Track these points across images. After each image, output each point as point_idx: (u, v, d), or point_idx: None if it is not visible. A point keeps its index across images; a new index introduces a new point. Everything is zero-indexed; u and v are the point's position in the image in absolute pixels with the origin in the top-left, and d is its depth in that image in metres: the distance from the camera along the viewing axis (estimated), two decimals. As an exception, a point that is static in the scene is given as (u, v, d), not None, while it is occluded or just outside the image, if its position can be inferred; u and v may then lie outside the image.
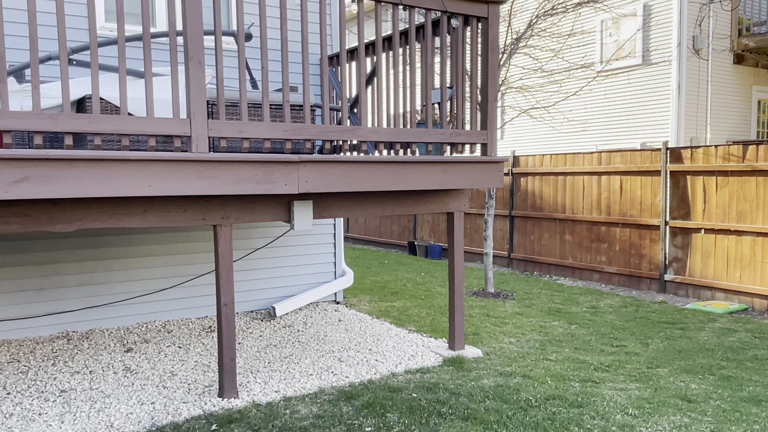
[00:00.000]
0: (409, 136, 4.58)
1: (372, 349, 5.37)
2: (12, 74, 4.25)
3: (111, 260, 5.97)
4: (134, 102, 3.93)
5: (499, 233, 10.54)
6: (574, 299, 7.73)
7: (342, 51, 4.35)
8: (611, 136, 12.69)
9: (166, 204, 3.92)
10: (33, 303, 5.61)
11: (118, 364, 4.89)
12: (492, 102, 4.91)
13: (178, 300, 6.32)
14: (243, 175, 3.83)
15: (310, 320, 6.41)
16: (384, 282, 8.95)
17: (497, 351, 5.35)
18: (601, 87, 12.51)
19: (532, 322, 6.49)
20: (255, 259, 6.73)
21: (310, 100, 4.18)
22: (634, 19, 12.15)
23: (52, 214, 3.58)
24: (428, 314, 6.78)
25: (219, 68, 3.75)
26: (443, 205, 5.18)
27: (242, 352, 5.22)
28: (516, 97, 10.42)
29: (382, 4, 4.37)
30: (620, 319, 6.64)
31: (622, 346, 5.56)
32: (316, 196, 4.55)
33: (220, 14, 3.72)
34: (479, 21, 4.83)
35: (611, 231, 8.79)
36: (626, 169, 8.49)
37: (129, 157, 3.41)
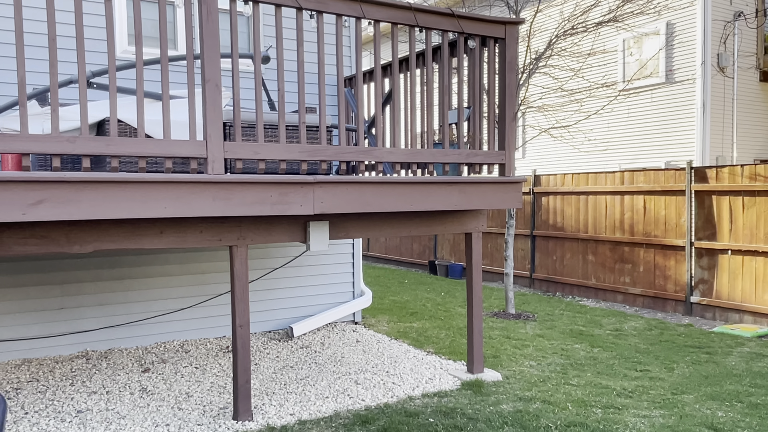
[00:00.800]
0: (426, 157, 4.56)
1: (389, 371, 5.30)
2: (34, 97, 4.33)
3: (130, 280, 6.01)
4: (152, 124, 3.97)
5: (520, 253, 10.42)
6: (597, 321, 7.57)
7: (358, 72, 4.35)
8: (635, 155, 12.52)
9: (182, 225, 3.94)
10: (54, 322, 5.66)
11: (135, 385, 4.89)
12: (510, 122, 4.87)
13: (196, 320, 6.33)
14: (258, 196, 3.83)
15: (328, 341, 6.37)
16: (403, 302, 8.88)
17: (517, 375, 5.24)
18: (623, 106, 12.38)
19: (553, 344, 6.36)
20: (273, 278, 6.73)
21: (326, 121, 4.18)
22: (657, 38, 12.04)
23: (70, 235, 3.61)
24: (447, 336, 6.68)
25: (236, 90, 3.78)
26: (461, 225, 5.12)
27: (258, 374, 5.19)
28: (536, 117, 10.36)
29: (398, 26, 4.38)
30: (644, 343, 6.47)
31: (646, 370, 5.41)
32: (332, 217, 4.53)
33: (237, 37, 3.75)
34: (496, 42, 4.81)
35: (635, 251, 8.62)
36: (650, 188, 8.34)
37: (145, 179, 3.43)
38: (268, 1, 3.83)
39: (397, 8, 4.30)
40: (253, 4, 3.80)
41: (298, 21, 3.97)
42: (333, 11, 4.07)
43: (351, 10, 4.11)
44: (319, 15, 4.04)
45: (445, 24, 4.51)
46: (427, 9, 4.43)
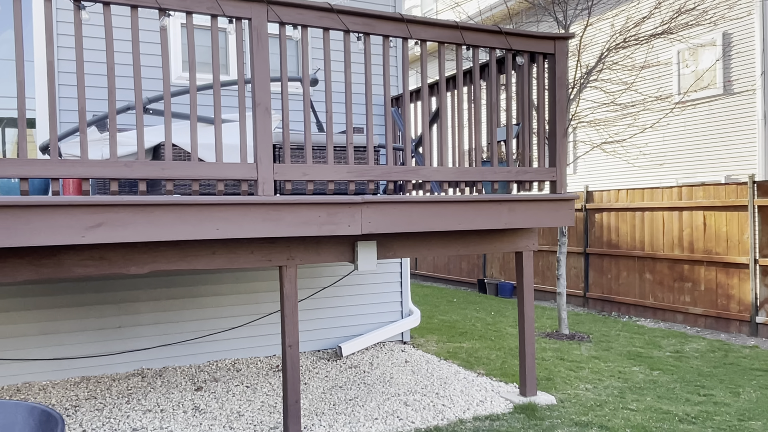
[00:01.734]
0: (474, 175, 4.51)
1: (439, 393, 5.21)
2: (95, 123, 4.51)
3: (184, 299, 6.14)
4: (204, 147, 4.06)
5: (573, 271, 10.16)
6: (655, 342, 7.28)
7: (405, 92, 4.36)
8: (692, 169, 12.09)
9: (233, 246, 4.00)
10: (111, 340, 5.83)
11: (188, 403, 4.96)
12: (561, 138, 4.77)
13: (247, 338, 6.41)
14: (307, 216, 3.86)
15: (376, 361, 6.33)
16: (452, 321, 8.77)
17: (572, 398, 5.07)
18: (679, 119, 12.00)
19: (610, 366, 6.14)
20: (321, 297, 6.76)
21: (373, 140, 4.20)
22: (713, 49, 11.66)
23: (127, 257, 3.72)
24: (498, 357, 6.55)
25: (285, 114, 3.84)
26: (511, 244, 5.03)
27: (308, 393, 5.19)
28: (588, 131, 10.14)
29: (445, 45, 4.37)
30: (707, 365, 6.17)
31: (709, 395, 5.15)
32: (380, 237, 4.52)
33: (286, 61, 3.82)
34: (546, 57, 4.74)
35: (695, 269, 8.28)
36: (710, 204, 8.02)
37: (198, 201, 3.51)
38: (317, 25, 3.89)
39: (443, 27, 4.30)
40: (302, 28, 3.86)
41: (346, 43, 4.01)
42: (380, 33, 4.10)
43: (398, 30, 4.13)
44: (366, 37, 4.08)
45: (492, 41, 4.48)
46: (475, 27, 4.41)
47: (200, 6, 3.54)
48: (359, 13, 4.01)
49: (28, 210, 3.13)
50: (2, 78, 6.05)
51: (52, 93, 3.24)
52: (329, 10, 3.89)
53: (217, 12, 3.58)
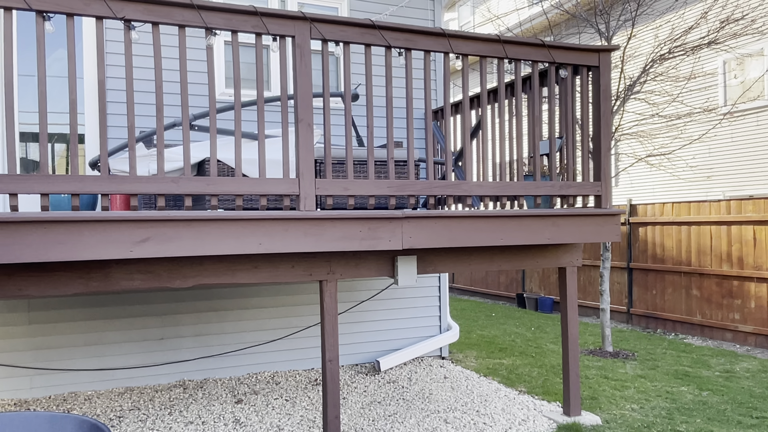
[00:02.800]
0: (516, 190, 4.45)
1: (479, 410, 5.13)
2: (142, 140, 4.61)
3: (224, 311, 6.21)
4: (247, 163, 4.11)
5: (616, 287, 9.92)
6: (704, 361, 7.03)
7: (446, 105, 4.34)
8: (740, 182, 11.71)
9: (275, 260, 4.03)
10: (154, 352, 5.92)
11: (228, 416, 5.00)
12: (605, 152, 4.68)
13: (286, 351, 6.43)
14: (348, 231, 3.86)
15: (415, 376, 6.27)
16: (491, 337, 8.64)
17: (618, 419, 4.93)
18: (726, 131, 11.65)
19: (656, 386, 5.95)
20: (359, 311, 6.74)
21: (414, 154, 4.18)
22: (761, 59, 11.31)
23: (172, 271, 3.77)
24: (540, 374, 6.42)
25: (327, 129, 3.86)
26: (554, 259, 4.94)
27: (346, 408, 5.17)
28: (632, 144, 9.94)
29: (487, 58, 4.34)
30: (759, 386, 5.93)
31: (763, 417, 4.94)
32: (420, 252, 4.49)
33: (328, 78, 3.84)
34: (589, 70, 4.67)
35: (744, 286, 7.99)
36: (760, 218, 7.74)
37: (241, 216, 3.54)
38: (359, 42, 3.91)
39: (485, 41, 4.27)
40: (344, 45, 3.89)
41: (387, 59, 4.02)
42: (421, 48, 4.10)
43: (439, 45, 4.13)
44: (407, 52, 4.08)
45: (534, 54, 4.43)
46: (517, 41, 4.37)
47: (245, 25, 3.60)
48: (400, 29, 4.01)
49: (79, 225, 3.21)
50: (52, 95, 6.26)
51: (102, 111, 3.32)
52: (371, 27, 3.91)
53: (261, 30, 3.63)
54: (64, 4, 3.22)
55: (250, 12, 3.61)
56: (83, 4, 3.26)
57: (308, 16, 3.74)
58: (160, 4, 3.41)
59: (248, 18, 3.62)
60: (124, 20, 3.37)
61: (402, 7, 6.75)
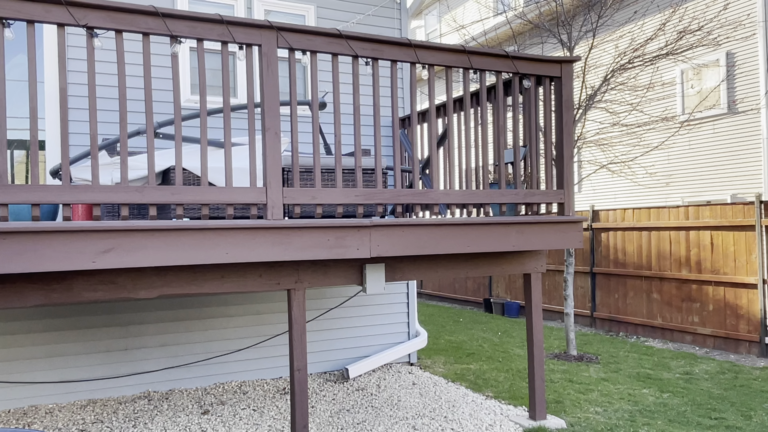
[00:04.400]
0: (482, 198, 4.51)
1: (447, 416, 5.17)
2: (105, 147, 4.54)
3: (190, 321, 6.13)
4: (213, 171, 4.08)
5: (580, 291, 10.11)
6: (665, 364, 7.22)
7: (413, 114, 4.38)
8: (698, 188, 12.08)
9: (242, 270, 4.00)
10: (118, 363, 5.81)
11: (194, 427, 4.93)
12: (568, 160, 4.78)
13: (253, 360, 6.37)
14: (316, 240, 3.87)
15: (384, 383, 6.28)
16: (459, 342, 8.71)
17: (582, 422, 5.02)
18: (684, 139, 12.02)
19: (619, 389, 6.08)
20: (328, 319, 6.73)
21: (382, 163, 4.21)
22: (717, 69, 11.72)
23: (137, 281, 3.72)
24: (506, 378, 6.50)
25: (294, 137, 3.86)
26: (519, 266, 5.02)
27: (315, 417, 5.15)
28: (593, 152, 10.16)
29: (452, 68, 4.40)
30: (718, 387, 6.11)
31: (721, 418, 5.09)
32: (388, 259, 4.52)
33: (295, 86, 3.85)
34: (552, 80, 4.77)
35: (703, 289, 8.23)
36: (717, 223, 8.00)
37: (208, 226, 3.52)
38: (326, 51, 3.93)
39: (451, 52, 4.33)
40: (311, 54, 3.90)
41: (354, 68, 4.05)
42: (388, 57, 4.14)
43: (406, 55, 4.17)
44: (375, 61, 4.11)
45: (499, 65, 4.51)
46: (481, 51, 4.45)
47: (211, 33, 3.59)
48: (367, 39, 4.05)
49: (40, 236, 3.15)
50: (12, 100, 6.11)
51: (64, 119, 3.27)
52: (338, 36, 3.93)
53: (227, 39, 3.62)
54: (24, 11, 3.16)
55: (216, 20, 3.59)
56: (44, 11, 3.20)
57: (275, 25, 3.74)
58: (123, 12, 3.38)
59: (214, 26, 3.60)
60: (87, 27, 3.32)
61: (369, 15, 6.79)
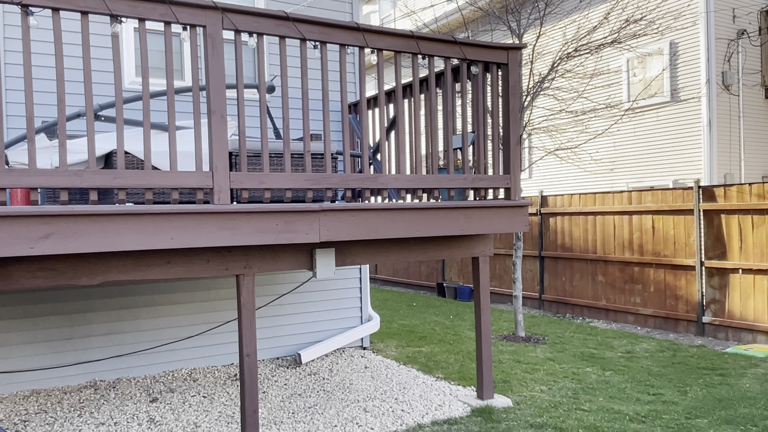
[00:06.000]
0: (431, 183, 4.57)
1: (398, 398, 5.25)
2: (44, 130, 4.39)
3: (138, 308, 6.02)
4: (158, 155, 4.00)
5: (529, 274, 10.36)
6: (608, 343, 7.49)
7: (362, 99, 4.39)
8: (642, 174, 12.50)
9: (189, 255, 3.95)
10: (62, 352, 5.67)
11: (142, 415, 4.87)
12: (514, 146, 4.88)
13: (204, 347, 6.32)
14: (264, 225, 3.85)
15: (336, 367, 6.33)
16: (412, 326, 8.83)
17: (528, 400, 5.18)
18: (629, 125, 12.39)
19: (564, 368, 6.29)
20: (280, 304, 6.72)
21: (331, 147, 4.21)
22: (661, 58, 12.09)
23: (78, 268, 3.63)
24: (456, 360, 6.63)
25: (241, 120, 3.82)
26: (468, 250, 5.11)
27: (266, 402, 5.15)
28: (542, 138, 10.38)
29: (401, 53, 4.42)
30: (657, 365, 6.39)
31: (659, 394, 5.34)
32: (338, 244, 4.53)
33: (242, 69, 3.80)
34: (499, 67, 4.85)
35: (645, 271, 8.56)
36: (658, 208, 8.31)
37: (152, 210, 3.46)
38: (273, 33, 3.88)
39: (399, 37, 4.35)
40: (258, 36, 3.85)
41: (302, 51, 4.02)
42: (336, 41, 4.12)
43: (354, 39, 4.16)
44: (323, 45, 4.09)
45: (447, 51, 4.55)
46: (430, 37, 4.47)
47: (153, 13, 3.50)
48: (315, 22, 4.02)
49: (-28, 221, 3.03)
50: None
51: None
52: (285, 19, 3.90)
53: (170, 19, 3.54)
54: (-49, -14, 3.01)
55: (159, 0, 3.51)
56: (-26, -14, 3.06)
57: (220, 5, 3.68)
58: (60, -11, 3.26)
59: (156, 6, 3.51)
60: (22, 5, 3.19)
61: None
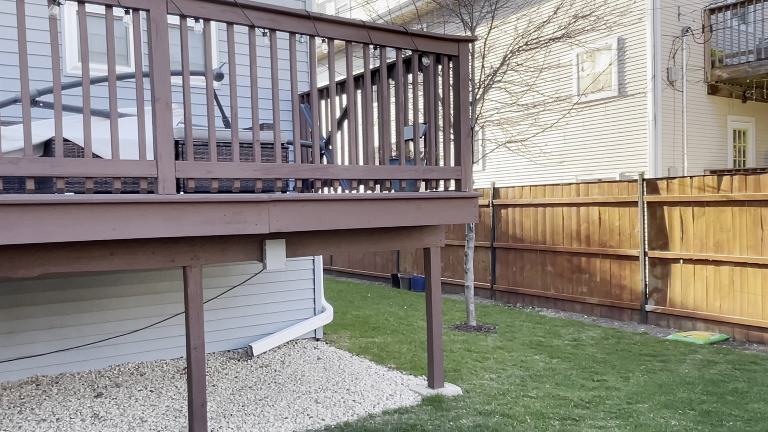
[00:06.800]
0: (382, 174, 4.57)
1: (350, 388, 5.26)
2: (-23, 116, 4.19)
3: (83, 301, 5.84)
4: (101, 143, 3.88)
5: (481, 265, 10.51)
6: (556, 332, 7.68)
7: (313, 88, 4.35)
8: (591, 167, 12.81)
9: (133, 246, 3.85)
10: (2, 347, 5.45)
11: (86, 411, 4.73)
12: (465, 138, 4.92)
13: (152, 341, 6.18)
14: (212, 216, 3.78)
15: (288, 359, 6.29)
16: (366, 317, 8.85)
17: (477, 388, 5.26)
18: (578, 119, 12.68)
19: (513, 356, 6.41)
20: (232, 296, 6.63)
21: (281, 138, 4.16)
22: (609, 53, 12.40)
23: (14, 259, 3.49)
24: (409, 350, 6.68)
25: (187, 109, 3.73)
26: (419, 241, 5.14)
27: (216, 395, 5.08)
28: (494, 131, 10.52)
29: (352, 43, 4.39)
30: (601, 352, 6.58)
31: (602, 380, 5.50)
32: (289, 235, 4.49)
33: (187, 55, 3.71)
34: (450, 59, 4.87)
35: (592, 262, 8.79)
36: (604, 200, 8.53)
37: (92, 200, 3.35)
38: (220, 19, 3.80)
39: (351, 26, 4.32)
40: (204, 21, 3.76)
41: (251, 38, 3.95)
42: (286, 29, 4.07)
43: (304, 27, 4.12)
44: (272, 33, 4.03)
45: (399, 42, 4.55)
46: (381, 27, 4.46)
47: (94, -5, 3.37)
48: (265, 9, 3.95)
49: None
50: None
51: (-76, 83, 2.98)
52: (233, 5, 3.82)
53: (112, 2, 3.42)
54: None
55: (100, -18, 3.38)
56: None
57: (165, -10, 3.57)
58: (-8, -32, 3.11)
59: (97, -12, 3.39)
60: (-51, -17, 3.03)
61: (272, -14, 6.61)
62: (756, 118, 13.58)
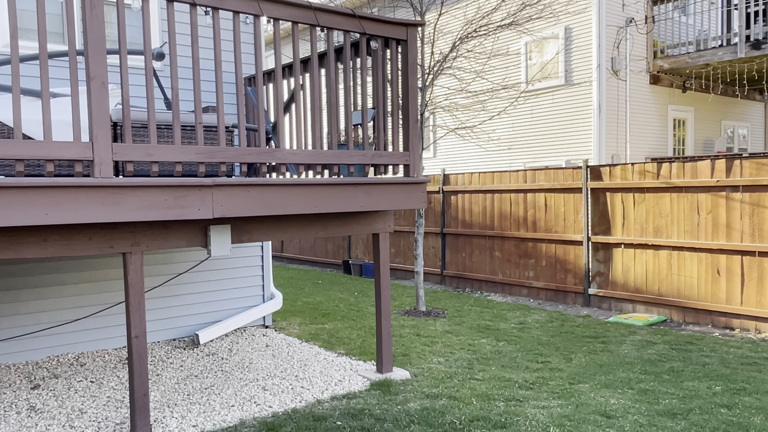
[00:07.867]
0: (330, 158, 4.52)
1: (298, 375, 5.22)
2: None
3: (18, 290, 5.59)
4: (33, 124, 3.69)
5: (431, 251, 10.59)
6: (503, 315, 7.82)
7: (258, 70, 4.25)
8: (538, 154, 13.05)
9: (68, 232, 3.69)
10: (-73, 340, 5.18)
11: (22, 403, 4.55)
12: (413, 123, 4.92)
13: (93, 330, 5.98)
14: (152, 200, 3.66)
15: (236, 347, 6.20)
16: (316, 303, 8.80)
17: (425, 372, 5.31)
18: (526, 107, 12.87)
19: (461, 340, 6.50)
20: (177, 284, 6.47)
21: (225, 121, 4.06)
22: (556, 42, 12.60)
23: (-63, 246, 3.30)
24: (359, 336, 6.68)
25: (124, 89, 3.58)
26: (368, 226, 5.12)
27: (160, 385, 4.97)
28: (444, 117, 10.57)
29: (299, 25, 4.31)
30: (546, 335, 6.74)
31: (546, 362, 5.64)
32: (234, 220, 4.40)
33: (125, 32, 3.56)
34: (399, 43, 4.84)
35: (538, 247, 8.98)
36: (550, 186, 8.71)
37: (23, 183, 3.19)
38: (159, -4, 3.66)
39: (296, 7, 4.23)
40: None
41: (192, 17, 3.82)
42: (229, 8, 3.95)
43: (248, 7, 4.01)
44: (215, 11, 3.91)
45: (346, 24, 4.49)
46: (328, 9, 4.39)
47: (21, -34, 3.19)
48: (207, -13, 3.82)
49: None
50: None
51: None
52: (173, -18, 3.68)
53: (42, -25, 3.24)
54: None
55: (28, -47, 3.20)
56: None
57: (100, -36, 3.41)
58: None
59: (25, -40, 3.20)
60: None
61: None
62: (695, 107, 14.08)
